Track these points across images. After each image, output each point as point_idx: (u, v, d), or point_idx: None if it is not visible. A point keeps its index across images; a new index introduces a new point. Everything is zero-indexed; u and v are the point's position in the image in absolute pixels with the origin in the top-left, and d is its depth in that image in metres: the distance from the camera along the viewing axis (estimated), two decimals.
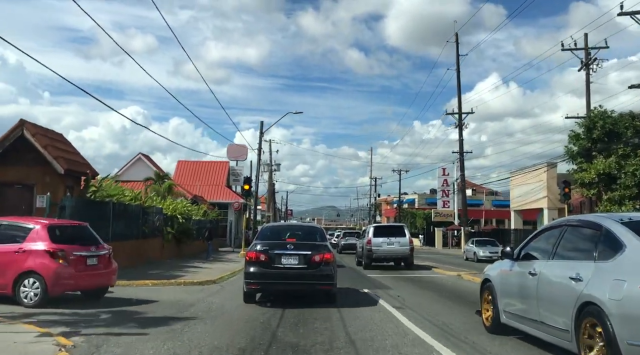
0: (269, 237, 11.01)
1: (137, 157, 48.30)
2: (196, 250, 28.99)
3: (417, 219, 73.71)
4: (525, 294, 6.50)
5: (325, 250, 10.33)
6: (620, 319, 4.75)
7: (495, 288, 7.40)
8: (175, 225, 24.14)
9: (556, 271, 5.98)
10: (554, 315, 5.80)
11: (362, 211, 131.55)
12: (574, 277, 5.49)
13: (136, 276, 15.00)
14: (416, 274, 19.68)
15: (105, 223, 16.12)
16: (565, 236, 6.25)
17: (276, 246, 10.28)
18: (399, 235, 21.52)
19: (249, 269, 10.15)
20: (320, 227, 14.01)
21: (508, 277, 7.12)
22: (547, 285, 6.04)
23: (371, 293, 12.70)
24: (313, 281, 10.08)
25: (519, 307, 6.69)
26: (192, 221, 28.18)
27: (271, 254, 10.02)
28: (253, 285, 10.19)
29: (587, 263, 5.50)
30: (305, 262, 9.97)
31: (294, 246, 10.21)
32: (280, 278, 10.01)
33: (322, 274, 10.06)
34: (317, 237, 11.16)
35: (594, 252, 5.52)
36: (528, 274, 6.43)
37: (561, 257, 6.12)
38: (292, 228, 12.92)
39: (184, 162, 52.80)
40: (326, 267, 10.09)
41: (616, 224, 5.48)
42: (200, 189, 47.51)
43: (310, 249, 10.17)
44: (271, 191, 54.47)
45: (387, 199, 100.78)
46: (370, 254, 21.14)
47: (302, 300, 10.75)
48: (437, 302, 11.62)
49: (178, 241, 24.98)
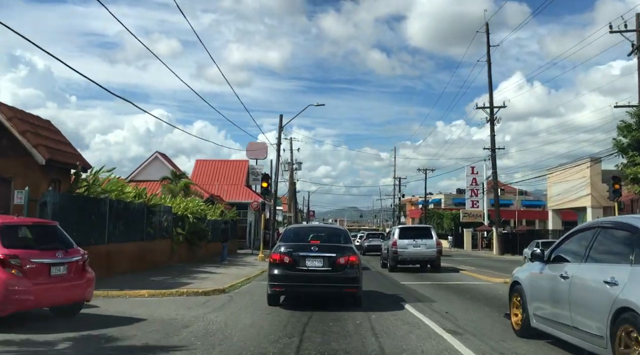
0: (293, 239, 10.86)
1: (154, 156, 46.62)
2: (211, 253, 26.93)
3: (445, 220, 70.84)
4: (556, 297, 6.32)
5: (350, 252, 10.08)
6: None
7: (525, 291, 7.27)
8: (186, 225, 22.05)
9: (590, 275, 5.77)
10: (587, 320, 5.59)
11: (385, 212, 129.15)
12: (608, 281, 5.24)
13: (134, 284, 12.90)
14: (456, 281, 17.31)
15: (99, 223, 14.08)
16: (599, 238, 6.02)
17: (300, 248, 10.09)
18: (426, 237, 21.03)
19: (273, 271, 10.00)
20: (345, 228, 13.55)
21: (538, 280, 6.95)
22: (580, 289, 5.84)
23: (414, 311, 10.21)
24: (338, 284, 9.85)
25: (550, 311, 6.51)
26: (206, 222, 26.11)
27: (295, 256, 9.85)
28: (277, 287, 10.06)
29: (623, 266, 5.23)
30: (330, 264, 9.79)
31: (319, 248, 10.02)
32: (305, 280, 9.82)
33: (348, 277, 9.85)
34: (341, 239, 10.89)
35: (630, 255, 5.23)
36: (560, 277, 6.27)
37: (595, 260, 5.90)
38: (315, 230, 12.63)
39: (202, 161, 51.04)
40: (351, 269, 9.86)
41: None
42: (219, 189, 45.66)
43: (335, 251, 9.96)
44: (292, 191, 52.32)
45: (412, 199, 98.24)
46: (396, 256, 20.66)
47: (327, 322, 8.65)
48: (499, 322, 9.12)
49: (190, 243, 22.90)
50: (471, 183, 65.31)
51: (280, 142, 30.34)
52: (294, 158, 54.72)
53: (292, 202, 54.78)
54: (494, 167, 45.08)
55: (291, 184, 51.52)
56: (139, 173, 44.45)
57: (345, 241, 10.79)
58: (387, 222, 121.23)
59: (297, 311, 9.64)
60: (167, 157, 48.61)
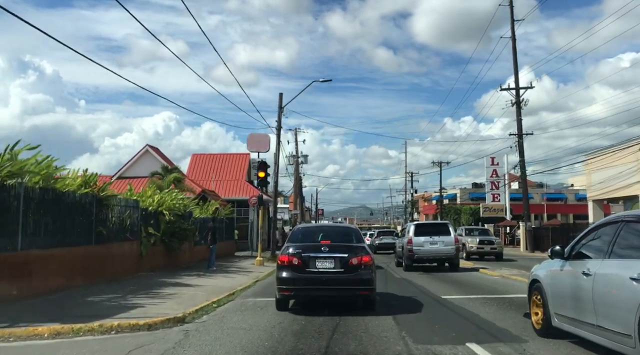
0: (302, 240, 10.25)
1: (144, 150, 42.24)
2: (198, 257, 22.51)
3: (462, 215, 66.03)
4: (579, 295, 6.10)
5: (363, 252, 9.51)
6: None
7: (545, 289, 7.09)
8: (161, 224, 17.65)
9: (614, 271, 5.55)
10: (613, 318, 5.37)
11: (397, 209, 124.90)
12: (635, 277, 5.05)
13: (47, 312, 8.53)
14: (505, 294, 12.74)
15: (6, 220, 9.64)
16: (623, 233, 5.78)
17: (310, 249, 9.55)
18: (443, 234, 19.92)
19: (281, 274, 9.39)
20: (356, 227, 12.31)
21: (559, 278, 6.76)
22: (604, 286, 5.62)
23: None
24: (350, 286, 9.28)
25: (573, 310, 6.25)
26: (191, 220, 21.67)
27: (305, 257, 9.32)
28: (285, 291, 9.42)
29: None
30: (341, 265, 9.25)
31: (329, 248, 9.48)
32: (315, 283, 9.22)
33: (361, 279, 9.26)
34: (353, 239, 10.26)
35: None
36: (582, 274, 6.06)
37: (619, 256, 5.68)
38: (325, 229, 12.13)
39: (198, 155, 46.72)
40: (364, 270, 9.29)
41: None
42: (217, 185, 41.28)
43: (346, 252, 9.44)
44: (298, 186, 47.80)
45: (425, 195, 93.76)
46: (412, 254, 19.67)
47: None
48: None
49: (167, 246, 18.47)
50: (491, 175, 60.53)
51: (280, 125, 25.88)
52: (299, 151, 50.23)
53: (299, 199, 50.26)
54: (521, 154, 40.32)
55: (297, 179, 46.99)
56: (128, 169, 40.22)
57: (357, 240, 10.15)
58: (398, 219, 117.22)
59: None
60: (159, 151, 44.24)
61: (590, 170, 35.07)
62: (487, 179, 60.81)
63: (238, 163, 45.58)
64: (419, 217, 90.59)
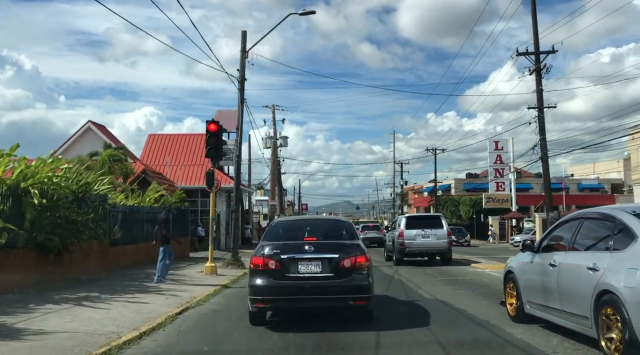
0: (281, 237, 8.40)
1: (86, 127, 34.87)
2: (122, 262, 15.23)
3: (462, 207, 59.31)
4: (546, 284, 6.79)
5: (358, 251, 7.72)
6: (634, 306, 4.98)
7: (518, 279, 7.74)
8: (27, 212, 10.31)
9: (575, 262, 6.26)
10: (574, 303, 6.08)
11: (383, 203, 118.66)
12: (591, 267, 5.73)
13: None
14: None
15: None
16: (583, 228, 6.55)
17: (291, 248, 7.73)
18: (436, 226, 19.47)
19: (254, 281, 7.59)
20: (348, 220, 9.87)
21: (530, 269, 7.42)
22: (566, 275, 6.33)
23: None
24: (342, 295, 7.46)
25: (542, 297, 6.95)
26: (106, 208, 14.41)
27: (284, 259, 7.52)
28: (261, 302, 7.56)
29: (603, 253, 5.77)
30: (331, 268, 7.50)
31: (315, 247, 7.68)
32: (298, 292, 7.41)
33: (355, 285, 7.49)
34: (344, 234, 8.48)
35: (610, 242, 5.79)
36: (549, 265, 6.74)
37: (579, 249, 6.42)
38: (310, 223, 9.78)
39: (155, 135, 39.23)
40: (360, 274, 7.55)
41: (629, 216, 5.74)
42: (175, 170, 33.91)
43: (337, 251, 7.69)
44: (275, 172, 40.51)
45: (415, 187, 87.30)
46: (403, 248, 19.19)
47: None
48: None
49: (42, 248, 11.08)
50: (495, 161, 53.98)
51: (244, 76, 18.60)
52: (277, 131, 42.91)
53: (277, 188, 42.99)
54: (542, 132, 33.22)
55: (274, 163, 39.70)
56: (69, 149, 32.76)
57: (350, 236, 8.37)
58: (385, 214, 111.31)
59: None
60: (105, 129, 36.81)
61: (636, 146, 28.26)
62: (490, 166, 54.19)
63: (203, 146, 38.18)
64: (409, 210, 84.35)
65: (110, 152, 24.29)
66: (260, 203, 66.00)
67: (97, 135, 34.03)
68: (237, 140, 19.88)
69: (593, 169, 75.97)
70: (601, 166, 74.83)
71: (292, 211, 77.00)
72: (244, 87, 18.62)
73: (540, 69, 33.22)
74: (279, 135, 43.45)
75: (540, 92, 33.18)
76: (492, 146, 53.55)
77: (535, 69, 33.25)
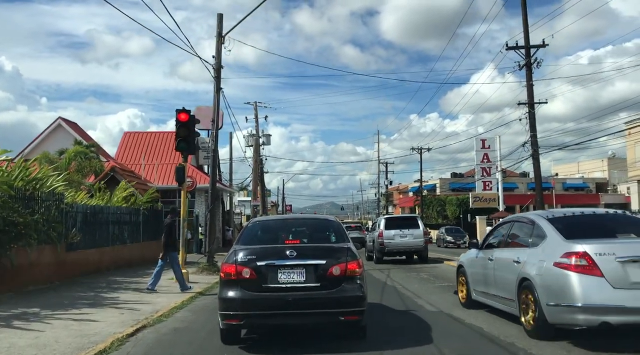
0: (259, 239, 7.29)
1: (56, 124, 32.98)
2: (80, 270, 13.57)
3: (448, 207, 58.23)
4: (486, 275, 8.36)
5: (349, 256, 6.53)
6: (541, 288, 6.53)
7: (467, 272, 9.31)
8: None
9: (505, 256, 7.77)
10: (505, 289, 7.56)
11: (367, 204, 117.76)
12: (515, 260, 7.29)
13: None
14: None
15: None
16: (513, 229, 8.16)
17: (269, 253, 6.58)
18: (413, 227, 20.89)
19: (225, 294, 6.37)
20: (336, 220, 8.61)
21: (475, 263, 9.00)
22: (499, 267, 7.88)
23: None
24: (330, 309, 6.28)
25: (484, 286, 8.50)
26: (62, 208, 12.78)
27: (261, 266, 6.34)
28: (233, 319, 6.33)
29: (524, 249, 7.36)
30: (317, 277, 6.34)
31: (298, 252, 6.47)
32: (278, 306, 6.26)
33: (346, 296, 6.32)
34: (332, 236, 7.43)
35: (529, 240, 7.36)
36: (488, 260, 8.30)
37: (509, 246, 8.01)
38: (293, 223, 8.53)
39: (131, 133, 37.36)
40: (351, 284, 6.40)
41: (544, 220, 7.26)
42: (151, 169, 32.21)
43: (324, 256, 6.50)
44: (258, 171, 38.89)
45: (400, 187, 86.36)
46: (383, 247, 20.62)
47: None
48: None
49: None
50: (482, 159, 52.81)
51: (220, 63, 17.06)
52: (259, 129, 41.29)
53: (259, 187, 41.36)
54: (533, 128, 32.19)
55: (256, 162, 38.08)
56: (39, 146, 30.90)
57: (338, 238, 7.27)
58: (369, 214, 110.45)
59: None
60: (77, 126, 35.03)
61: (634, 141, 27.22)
62: (477, 164, 53.09)
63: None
64: (394, 210, 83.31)
65: (78, 148, 22.66)
66: (243, 204, 64.28)
67: (68, 132, 32.22)
68: (213, 133, 18.31)
69: (577, 168, 75.68)
70: (585, 165, 74.58)
71: (276, 212, 75.37)
72: (220, 75, 17.08)
73: (531, 64, 32.07)
74: (262, 133, 41.84)
75: (530, 87, 31.92)
76: (479, 144, 52.46)
77: (526, 63, 31.99)
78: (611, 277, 5.99)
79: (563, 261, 6.28)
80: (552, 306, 6.29)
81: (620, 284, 5.96)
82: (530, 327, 6.75)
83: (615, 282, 5.98)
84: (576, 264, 6.16)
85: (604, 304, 5.91)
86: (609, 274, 5.99)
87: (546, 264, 6.50)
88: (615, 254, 6.10)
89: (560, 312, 6.22)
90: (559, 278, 6.27)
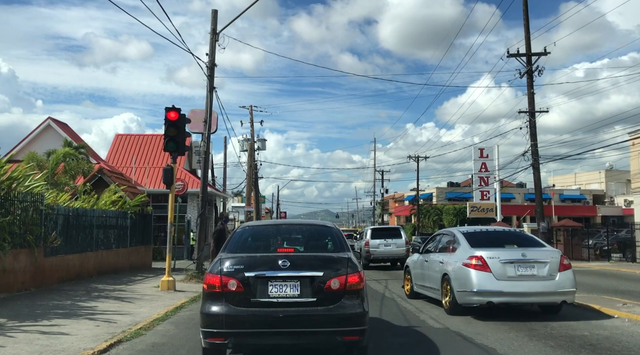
0: (248, 247, 6.48)
1: (46, 124, 32.06)
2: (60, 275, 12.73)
3: (445, 216, 57.57)
4: (423, 272, 11.26)
5: (349, 267, 5.79)
6: (454, 280, 9.41)
7: (411, 270, 12.04)
8: None
9: (435, 258, 10.67)
10: (433, 282, 10.48)
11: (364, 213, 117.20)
12: (441, 261, 10.24)
13: None
14: None
15: None
16: (442, 239, 11.12)
17: (259, 263, 5.84)
18: (396, 236, 23.07)
19: (209, 308, 5.63)
20: (335, 226, 7.35)
21: (416, 264, 11.78)
22: (431, 267, 10.75)
23: None
24: (328, 328, 5.57)
25: (421, 280, 11.34)
26: (42, 210, 11.96)
27: (249, 278, 5.63)
28: (217, 337, 5.57)
29: (447, 254, 10.19)
30: (313, 291, 5.64)
31: (292, 262, 5.73)
32: (268, 324, 5.54)
33: (345, 314, 5.60)
34: (330, 244, 6.65)
35: (451, 247, 10.26)
36: (424, 261, 11.22)
37: (438, 251, 10.83)
38: (287, 229, 7.56)
39: (123, 135, 36.51)
40: (352, 299, 5.69)
41: (460, 234, 10.28)
42: (142, 173, 31.41)
43: (321, 267, 5.76)
44: (252, 176, 38.08)
45: (395, 195, 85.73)
46: (369, 255, 22.77)
47: None
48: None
49: None
50: (480, 169, 52.19)
51: (214, 61, 16.37)
52: (254, 134, 40.55)
53: (253, 193, 40.55)
54: (534, 137, 31.62)
55: (250, 167, 37.29)
56: (27, 147, 29.94)
57: (337, 247, 6.44)
58: (364, 222, 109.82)
59: None
60: (67, 127, 34.13)
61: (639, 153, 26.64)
62: (475, 174, 52.46)
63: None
64: (390, 219, 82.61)
65: (67, 150, 21.82)
66: (237, 210, 63.35)
67: (58, 133, 31.34)
68: (206, 134, 17.58)
69: (574, 180, 75.23)
70: (582, 177, 74.12)
71: (271, 219, 74.56)
72: (214, 74, 16.38)
73: (532, 71, 31.48)
74: (257, 137, 41.12)
75: (531, 95, 31.44)
76: (477, 154, 51.87)
77: (527, 71, 31.52)
78: (496, 272, 8.92)
79: (468, 261, 9.22)
80: (460, 292, 9.17)
81: (501, 277, 8.91)
82: (448, 307, 9.62)
83: (499, 275, 8.92)
84: (475, 263, 9.10)
85: (490, 289, 8.85)
86: (495, 270, 8.93)
87: (458, 263, 9.44)
88: (499, 258, 9.05)
89: (464, 296, 9.11)
90: (464, 272, 9.17)
